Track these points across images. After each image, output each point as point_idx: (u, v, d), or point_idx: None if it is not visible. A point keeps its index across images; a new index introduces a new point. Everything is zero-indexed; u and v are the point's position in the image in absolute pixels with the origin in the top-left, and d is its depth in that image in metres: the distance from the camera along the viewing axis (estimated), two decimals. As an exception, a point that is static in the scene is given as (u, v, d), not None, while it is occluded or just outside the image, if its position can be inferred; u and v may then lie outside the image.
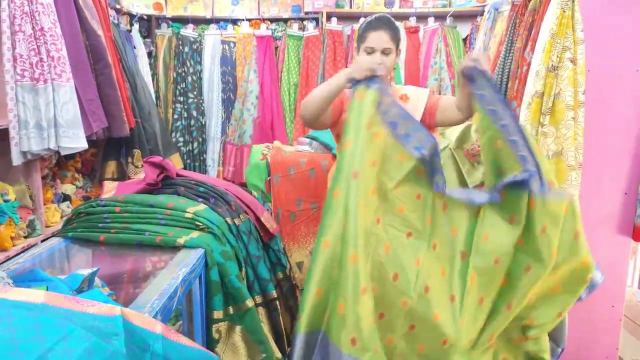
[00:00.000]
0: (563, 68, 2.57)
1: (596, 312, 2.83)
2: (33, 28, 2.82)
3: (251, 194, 2.84)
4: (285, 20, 5.44)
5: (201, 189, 2.49)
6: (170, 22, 5.38)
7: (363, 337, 1.88)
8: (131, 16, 4.87)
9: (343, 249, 1.92)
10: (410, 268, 1.99)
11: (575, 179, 2.60)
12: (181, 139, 5.16)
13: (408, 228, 2.06)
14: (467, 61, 2.14)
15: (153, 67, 5.18)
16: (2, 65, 2.73)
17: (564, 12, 2.58)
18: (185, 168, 4.98)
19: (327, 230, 1.95)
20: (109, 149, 3.92)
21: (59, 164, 3.53)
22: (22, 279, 1.51)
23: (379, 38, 2.49)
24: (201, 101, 5.25)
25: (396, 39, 2.54)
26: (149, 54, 5.15)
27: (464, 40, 5.22)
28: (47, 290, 1.33)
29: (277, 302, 2.46)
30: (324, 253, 1.94)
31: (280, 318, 2.46)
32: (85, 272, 1.55)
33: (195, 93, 5.20)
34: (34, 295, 1.11)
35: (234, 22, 5.45)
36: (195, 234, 2.17)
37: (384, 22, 2.52)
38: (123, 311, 1.18)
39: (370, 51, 2.50)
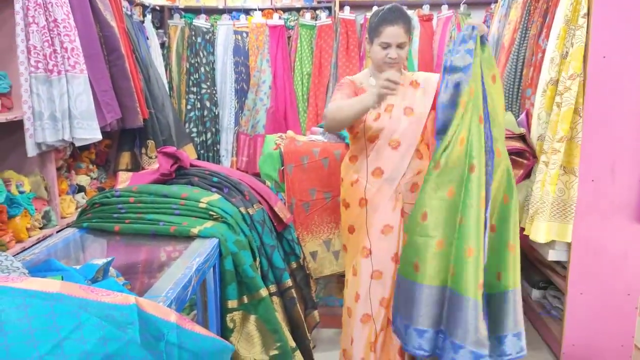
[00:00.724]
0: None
1: (612, 301, 2.82)
2: (46, 19, 2.83)
3: (265, 183, 2.84)
4: (298, 10, 5.43)
5: (215, 179, 2.49)
6: (182, 13, 5.38)
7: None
8: (144, 7, 4.88)
9: (467, 196, 2.07)
10: None
11: (544, 163, 2.61)
12: (194, 130, 5.16)
13: None
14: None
15: (166, 58, 5.18)
16: (16, 57, 2.74)
17: (579, -2, 2.56)
18: (198, 158, 4.99)
19: (449, 181, 2.12)
20: (123, 140, 3.94)
21: (73, 156, 3.55)
22: (38, 269, 1.52)
23: (395, 33, 2.49)
24: (214, 92, 5.25)
25: (409, 30, 2.54)
26: (162, 45, 5.16)
27: (478, 27, 5.17)
28: (62, 280, 1.34)
29: (292, 291, 2.47)
30: (445, 204, 2.12)
31: (296, 307, 2.47)
32: (100, 262, 1.56)
33: (208, 84, 5.20)
34: (50, 284, 1.12)
35: (247, 12, 5.44)
36: (209, 224, 2.17)
37: (398, 16, 2.51)
38: (137, 300, 1.19)
39: (386, 46, 2.51)
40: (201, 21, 5.27)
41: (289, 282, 2.47)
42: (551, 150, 2.59)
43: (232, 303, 2.16)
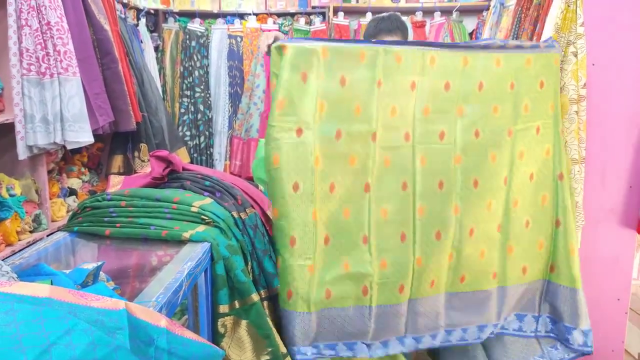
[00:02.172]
0: (567, 62, 2.57)
1: (602, 306, 2.83)
2: (39, 22, 2.82)
3: (258, 187, 2.83)
4: (292, 15, 5.44)
5: (207, 182, 2.48)
6: (177, 17, 5.39)
7: None
8: (138, 10, 4.87)
9: (561, 201, 2.39)
10: None
11: (579, 173, 2.60)
12: (188, 133, 5.16)
13: None
14: None
15: (160, 62, 5.18)
16: (8, 59, 2.73)
17: (569, 6, 2.58)
18: (192, 162, 4.99)
19: (542, 189, 2.38)
20: (116, 143, 3.93)
21: (65, 159, 3.54)
22: (27, 274, 1.51)
23: None
24: (208, 95, 5.26)
25: (406, 40, 2.56)
26: (156, 49, 5.16)
27: (470, 34, 5.22)
28: (51, 284, 1.34)
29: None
30: (542, 210, 2.39)
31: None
32: (90, 266, 1.55)
33: (202, 87, 5.20)
34: (38, 289, 1.11)
35: (241, 16, 5.45)
36: (201, 228, 2.16)
37: (396, 26, 2.53)
38: (127, 305, 1.18)
39: None
40: (195, 25, 5.27)
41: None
42: (580, 159, 2.61)
43: (223, 308, 2.15)
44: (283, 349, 2.25)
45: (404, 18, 5.29)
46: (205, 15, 5.52)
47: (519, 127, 2.31)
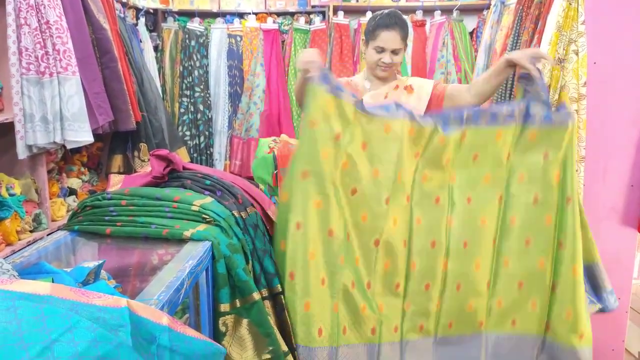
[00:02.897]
0: (569, 60, 2.57)
1: (603, 305, 2.82)
2: (39, 21, 2.82)
3: (258, 187, 2.83)
4: (292, 14, 5.44)
5: (208, 181, 2.48)
6: (176, 16, 5.38)
7: None
8: (137, 10, 4.87)
9: (565, 224, 2.31)
10: None
11: (578, 172, 2.60)
12: (188, 133, 5.16)
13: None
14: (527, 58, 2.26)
15: (159, 61, 5.18)
16: (7, 58, 2.72)
17: (570, 4, 2.58)
18: (191, 162, 4.98)
19: (546, 210, 2.33)
20: (115, 143, 3.92)
21: (64, 158, 3.53)
22: (28, 272, 1.50)
23: (390, 39, 2.50)
24: (208, 95, 5.25)
25: (406, 37, 2.56)
26: (156, 48, 5.16)
27: (471, 33, 5.21)
28: (52, 282, 1.33)
29: (282, 297, 2.45)
30: (545, 230, 2.33)
31: (284, 313, 2.45)
32: (91, 264, 1.55)
33: (201, 87, 5.20)
34: (40, 287, 1.11)
35: (241, 15, 5.45)
36: (201, 227, 2.15)
37: (395, 22, 2.52)
38: (129, 303, 1.18)
39: (380, 50, 2.52)
40: (195, 24, 5.27)
41: (279, 287, 2.45)
42: (580, 158, 2.61)
43: (224, 307, 2.14)
44: (284, 348, 2.25)
45: (404, 17, 5.31)
46: (205, 15, 5.52)
47: (511, 194, 2.32)
